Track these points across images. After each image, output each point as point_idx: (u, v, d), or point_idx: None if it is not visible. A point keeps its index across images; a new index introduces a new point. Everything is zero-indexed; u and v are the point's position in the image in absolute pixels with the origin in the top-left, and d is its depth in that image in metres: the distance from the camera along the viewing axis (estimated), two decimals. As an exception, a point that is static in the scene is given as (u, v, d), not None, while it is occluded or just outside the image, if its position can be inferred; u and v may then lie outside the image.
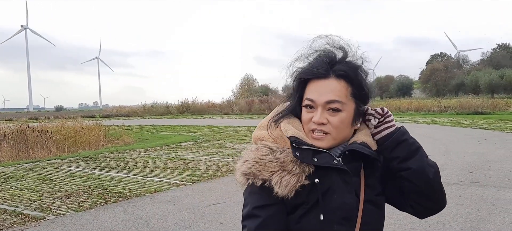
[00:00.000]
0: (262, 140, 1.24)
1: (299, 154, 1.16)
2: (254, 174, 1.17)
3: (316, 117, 1.17)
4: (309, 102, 1.18)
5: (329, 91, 1.16)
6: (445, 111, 28.96)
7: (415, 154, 1.20)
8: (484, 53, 73.07)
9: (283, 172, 1.15)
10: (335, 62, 1.20)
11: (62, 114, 42.09)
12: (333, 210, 1.16)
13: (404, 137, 1.22)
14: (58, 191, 6.95)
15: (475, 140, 12.69)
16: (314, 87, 1.18)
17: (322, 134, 1.18)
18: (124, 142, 14.97)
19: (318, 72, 1.17)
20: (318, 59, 1.20)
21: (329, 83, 1.17)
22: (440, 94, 56.35)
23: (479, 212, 5.15)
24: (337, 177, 1.17)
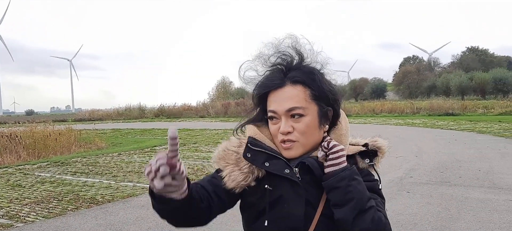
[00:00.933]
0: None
1: (250, 155, 1.19)
2: (217, 159, 1.25)
3: (281, 127, 1.17)
4: (272, 114, 1.19)
5: (288, 99, 1.16)
6: (417, 113, 29.64)
7: (346, 204, 1.11)
8: (454, 56, 75.06)
9: (236, 167, 1.20)
10: (290, 69, 1.20)
11: (33, 118, 40.99)
12: (281, 219, 1.17)
13: (339, 184, 1.12)
14: (27, 198, 6.75)
15: (446, 141, 13.02)
16: (273, 98, 1.18)
17: (290, 143, 1.18)
18: (97, 146, 14.69)
19: (273, 84, 1.18)
20: (272, 70, 1.21)
21: (286, 91, 1.17)
22: (413, 96, 57.50)
23: (449, 211, 5.26)
24: (289, 187, 1.17)
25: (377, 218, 1.11)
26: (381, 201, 1.21)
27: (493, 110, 27.77)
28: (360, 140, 1.28)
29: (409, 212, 5.28)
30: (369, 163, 1.24)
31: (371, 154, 1.25)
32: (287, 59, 1.20)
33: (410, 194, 6.22)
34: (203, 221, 1.21)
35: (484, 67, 60.64)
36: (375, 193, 1.21)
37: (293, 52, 1.21)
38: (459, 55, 72.88)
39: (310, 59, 1.22)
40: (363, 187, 1.14)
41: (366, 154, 1.25)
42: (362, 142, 1.27)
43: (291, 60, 1.20)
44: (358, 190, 1.11)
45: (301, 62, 1.21)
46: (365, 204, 1.11)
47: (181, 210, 1.06)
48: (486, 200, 5.72)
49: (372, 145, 1.26)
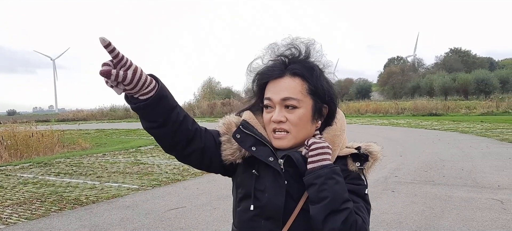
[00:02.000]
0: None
1: (239, 136, 1.24)
2: (223, 130, 1.29)
3: (274, 115, 1.19)
4: (267, 102, 1.22)
5: (284, 89, 1.19)
6: (401, 113, 29.99)
7: (319, 202, 1.12)
8: (437, 57, 76.09)
9: (228, 142, 1.26)
10: (293, 62, 1.23)
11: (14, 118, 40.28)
12: (262, 206, 1.20)
13: (315, 181, 1.12)
14: (9, 199, 6.62)
15: (430, 140, 13.19)
16: (271, 87, 1.21)
17: (283, 133, 1.20)
18: (81, 146, 14.50)
19: (273, 73, 1.21)
20: (274, 61, 1.24)
21: (284, 81, 1.20)
22: (397, 96, 58.12)
23: (433, 210, 5.33)
24: (271, 176, 1.20)
25: (352, 221, 1.11)
26: (363, 205, 1.21)
27: (475, 111, 28.28)
28: (355, 144, 1.30)
29: (394, 211, 5.33)
30: (359, 166, 1.24)
31: (363, 158, 1.25)
32: (294, 53, 1.23)
33: (394, 193, 6.29)
34: (194, 153, 1.25)
35: (466, 68, 61.66)
36: (360, 197, 1.21)
37: (304, 48, 1.24)
38: (442, 56, 73.93)
39: (315, 59, 1.25)
40: (341, 188, 1.13)
41: (358, 157, 1.25)
42: (356, 146, 1.28)
43: (298, 54, 1.23)
44: (333, 189, 1.11)
45: (306, 59, 1.24)
46: (339, 205, 1.10)
47: (156, 111, 1.11)
48: (469, 199, 5.81)
49: (365, 149, 1.26)
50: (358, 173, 1.24)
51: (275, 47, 1.26)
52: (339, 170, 1.16)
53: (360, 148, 1.26)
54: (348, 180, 1.19)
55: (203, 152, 1.25)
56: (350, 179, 1.21)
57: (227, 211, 5.51)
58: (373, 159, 1.26)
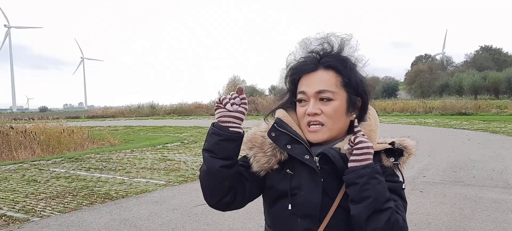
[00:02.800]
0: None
1: (274, 134, 1.23)
2: (244, 142, 1.26)
3: (309, 108, 1.20)
4: (301, 95, 1.23)
5: (319, 82, 1.20)
6: (429, 112, 29.36)
7: (361, 201, 1.12)
8: (467, 55, 74.18)
9: (260, 150, 1.25)
10: (324, 55, 1.24)
11: (46, 115, 41.49)
12: (298, 204, 1.21)
13: (357, 180, 1.12)
14: (42, 193, 6.85)
15: (459, 140, 12.89)
16: (305, 81, 1.23)
17: (317, 126, 1.20)
18: (110, 143, 14.83)
19: (307, 68, 1.22)
20: (307, 56, 1.25)
21: (318, 74, 1.22)
22: (425, 95, 56.96)
23: (463, 211, 5.23)
24: (307, 174, 1.20)
25: (393, 220, 1.12)
26: (401, 203, 1.22)
27: (506, 110, 27.41)
28: (387, 139, 1.29)
29: (422, 211, 5.26)
30: (394, 162, 1.24)
31: (397, 153, 1.25)
32: (326, 48, 1.24)
33: (423, 193, 6.19)
34: (240, 199, 1.29)
35: (497, 66, 59.84)
36: (397, 195, 1.22)
37: (337, 43, 1.25)
38: (472, 54, 72.03)
39: (347, 53, 1.25)
40: (383, 187, 1.13)
41: (392, 152, 1.25)
42: (389, 141, 1.27)
43: (331, 49, 1.24)
44: (376, 189, 1.11)
45: (339, 53, 1.24)
46: (382, 204, 1.11)
47: (238, 148, 1.22)
48: (501, 200, 5.67)
49: (399, 144, 1.26)
50: (392, 169, 1.24)
51: (308, 41, 1.27)
52: (380, 169, 1.15)
53: (394, 143, 1.25)
54: (385, 176, 1.18)
55: (248, 188, 1.30)
56: (387, 176, 1.20)
57: (253, 208, 5.54)
58: (408, 154, 1.26)
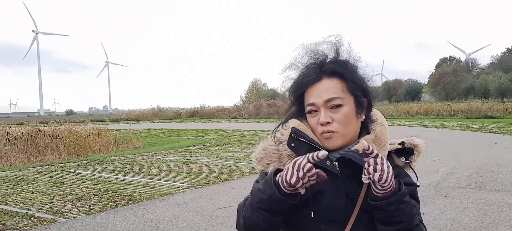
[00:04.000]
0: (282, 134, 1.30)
1: (293, 144, 1.22)
2: (258, 159, 1.28)
3: (321, 118, 1.19)
4: (311, 107, 1.22)
5: (326, 91, 1.20)
6: (454, 115, 28.77)
7: (392, 225, 1.11)
8: (493, 56, 72.51)
9: (279, 164, 1.23)
10: (324, 63, 1.23)
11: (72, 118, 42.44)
12: (322, 210, 1.19)
13: (387, 208, 1.10)
14: (69, 194, 7.02)
15: (485, 144, 12.59)
16: (312, 92, 1.22)
17: (330, 133, 1.20)
18: (134, 145, 15.06)
19: (311, 79, 1.22)
20: (308, 67, 1.25)
21: (324, 84, 1.21)
22: (449, 98, 55.93)
23: (490, 217, 5.11)
24: (329, 179, 1.16)
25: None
26: (418, 207, 1.23)
27: (535, 113, 26.62)
28: (395, 140, 1.30)
29: (447, 217, 5.17)
30: (405, 161, 1.25)
31: (407, 152, 1.27)
32: (320, 58, 1.24)
33: (448, 198, 6.08)
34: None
35: (525, 68, 58.22)
36: (414, 199, 1.22)
37: (332, 49, 1.24)
38: (498, 56, 70.37)
39: (345, 56, 1.25)
40: (411, 208, 1.12)
41: (402, 152, 1.26)
42: (398, 141, 1.28)
43: (325, 57, 1.24)
44: (406, 213, 1.11)
45: (337, 58, 1.24)
46: (412, 225, 1.12)
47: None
48: (529, 206, 5.52)
49: (409, 143, 1.27)
50: (405, 171, 1.26)
51: (304, 51, 1.27)
52: (406, 190, 1.13)
53: (404, 143, 1.27)
54: (400, 179, 1.18)
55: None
56: (402, 178, 1.21)
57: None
58: (418, 152, 1.27)
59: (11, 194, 7.17)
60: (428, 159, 9.74)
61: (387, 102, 59.65)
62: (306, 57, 1.25)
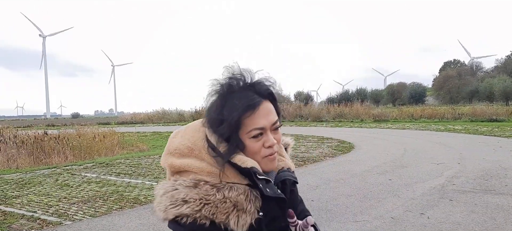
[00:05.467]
0: (192, 172, 1.10)
1: (268, 190, 1.12)
2: (206, 217, 1.04)
3: (271, 139, 1.14)
4: (260, 131, 1.13)
5: (270, 113, 1.16)
6: (458, 118, 28.66)
7: None
8: (498, 60, 72.23)
9: (239, 211, 1.07)
10: (257, 85, 1.17)
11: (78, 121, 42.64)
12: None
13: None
14: (74, 197, 7.06)
15: (490, 148, 12.55)
16: (258, 115, 1.13)
17: (275, 154, 1.17)
18: (139, 148, 15.12)
19: (257, 102, 1.13)
20: (246, 90, 1.15)
21: (267, 105, 1.15)
22: (454, 101, 55.78)
23: (495, 221, 5.10)
24: (276, 205, 1.15)
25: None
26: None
27: (540, 117, 26.50)
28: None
29: (452, 220, 5.17)
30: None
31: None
32: (240, 80, 1.17)
33: (453, 202, 6.08)
34: None
35: (530, 71, 57.98)
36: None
37: (248, 72, 1.18)
38: (503, 59, 70.05)
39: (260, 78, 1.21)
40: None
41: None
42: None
43: (245, 79, 1.17)
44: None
45: (259, 81, 1.19)
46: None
47: None
48: (535, 210, 5.51)
49: (284, 144, 1.37)
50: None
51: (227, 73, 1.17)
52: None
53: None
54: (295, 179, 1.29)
55: None
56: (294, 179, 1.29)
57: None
58: (290, 149, 1.39)
59: (17, 196, 7.22)
60: (433, 162, 9.73)
61: (391, 106, 59.52)
62: (227, 79, 1.16)
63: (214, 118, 1.12)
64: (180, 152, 1.14)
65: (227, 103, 1.11)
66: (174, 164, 1.12)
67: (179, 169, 1.12)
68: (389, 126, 25.68)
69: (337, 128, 25.81)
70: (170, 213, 1.06)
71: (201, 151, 1.12)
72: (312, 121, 34.19)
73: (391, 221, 5.20)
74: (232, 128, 1.10)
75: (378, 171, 8.90)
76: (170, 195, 1.07)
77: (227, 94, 1.13)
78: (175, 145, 1.16)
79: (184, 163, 1.11)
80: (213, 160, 1.11)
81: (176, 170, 1.12)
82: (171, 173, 1.14)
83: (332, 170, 9.19)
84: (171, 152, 1.15)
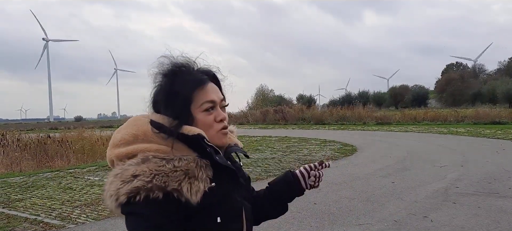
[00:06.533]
0: (143, 152, 1.10)
1: (218, 158, 1.16)
2: (158, 186, 1.03)
3: (221, 114, 1.22)
4: (210, 104, 1.20)
5: (218, 91, 1.26)
6: (461, 121, 28.58)
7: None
8: (501, 62, 72.08)
9: (190, 178, 1.08)
10: (203, 69, 1.27)
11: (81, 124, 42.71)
12: (227, 210, 1.17)
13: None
14: (78, 200, 7.07)
15: (493, 150, 12.51)
16: (208, 90, 1.21)
17: (226, 129, 1.26)
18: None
19: (205, 80, 1.22)
20: (196, 71, 1.25)
21: (212, 85, 1.24)
22: (457, 104, 55.59)
23: (499, 224, 5.08)
24: (228, 178, 1.20)
25: None
26: None
27: (544, 119, 26.39)
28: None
29: (455, 223, 5.15)
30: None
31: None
32: (187, 64, 1.25)
33: (456, 205, 6.06)
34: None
35: (534, 74, 57.83)
36: None
37: (184, 60, 1.25)
38: (506, 62, 69.90)
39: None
40: None
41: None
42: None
43: (190, 64, 1.26)
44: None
45: (205, 67, 1.29)
46: None
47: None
48: (538, 213, 5.49)
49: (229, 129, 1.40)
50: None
51: (167, 61, 1.23)
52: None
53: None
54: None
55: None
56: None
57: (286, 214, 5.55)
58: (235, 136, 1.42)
59: (20, 199, 7.24)
60: (436, 165, 9.70)
61: (393, 108, 59.40)
62: (171, 64, 1.22)
63: (167, 93, 1.18)
64: (125, 141, 1.13)
65: (177, 81, 1.19)
66: (121, 153, 1.12)
67: (126, 155, 1.11)
68: (392, 128, 25.63)
69: (339, 130, 25.78)
70: (121, 193, 1.02)
71: (146, 134, 1.13)
72: (314, 123, 34.17)
73: (394, 224, 5.18)
74: (185, 101, 1.17)
75: (381, 173, 8.89)
76: (119, 176, 1.06)
77: (176, 74, 1.20)
78: (118, 137, 1.15)
79: (130, 148, 1.11)
80: (160, 138, 1.13)
81: (123, 157, 1.11)
82: (122, 158, 1.11)
83: (335, 172, 9.18)
84: (116, 144, 1.14)
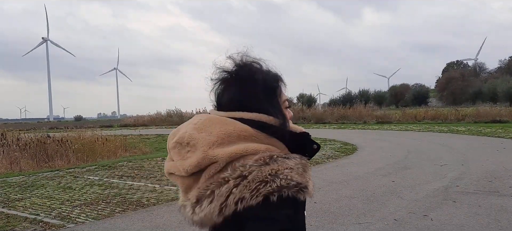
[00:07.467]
0: (255, 151, 1.00)
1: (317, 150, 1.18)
2: (298, 184, 0.99)
3: (290, 112, 1.20)
4: (288, 102, 1.19)
5: None
6: (462, 120, 28.57)
7: None
8: (501, 61, 72.03)
9: (309, 175, 1.06)
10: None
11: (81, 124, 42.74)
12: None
13: None
14: (77, 200, 7.06)
15: (494, 149, 12.50)
16: (284, 89, 1.18)
17: None
18: (142, 151, 15.13)
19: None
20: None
21: None
22: (457, 103, 55.63)
23: (500, 223, 5.07)
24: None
25: None
26: None
27: (544, 118, 26.37)
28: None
29: (455, 222, 5.14)
30: None
31: None
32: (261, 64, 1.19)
33: (456, 203, 6.04)
34: None
35: (534, 72, 57.80)
36: None
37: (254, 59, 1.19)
38: (506, 60, 69.85)
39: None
40: None
41: None
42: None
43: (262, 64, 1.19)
44: None
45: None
46: None
47: None
48: (539, 212, 5.47)
49: None
50: None
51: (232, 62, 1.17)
52: None
53: None
54: None
55: None
56: None
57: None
58: None
59: (20, 199, 7.24)
60: (436, 164, 9.69)
61: (394, 107, 59.39)
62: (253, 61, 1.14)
63: (269, 85, 1.10)
64: (228, 140, 1.00)
65: (268, 78, 1.11)
66: (237, 150, 0.98)
67: (241, 154, 0.97)
68: (392, 127, 25.62)
69: (340, 129, 25.79)
70: (261, 194, 0.92)
71: (248, 133, 1.02)
72: (315, 122, 34.16)
73: (394, 223, 5.17)
74: (279, 98, 1.13)
75: (381, 172, 8.87)
76: (254, 177, 0.94)
77: (264, 72, 1.12)
78: (214, 135, 1.00)
79: (241, 146, 0.98)
80: (263, 137, 1.03)
81: (232, 159, 0.97)
82: (222, 164, 0.97)
83: (335, 171, 9.16)
84: (219, 143, 0.99)
